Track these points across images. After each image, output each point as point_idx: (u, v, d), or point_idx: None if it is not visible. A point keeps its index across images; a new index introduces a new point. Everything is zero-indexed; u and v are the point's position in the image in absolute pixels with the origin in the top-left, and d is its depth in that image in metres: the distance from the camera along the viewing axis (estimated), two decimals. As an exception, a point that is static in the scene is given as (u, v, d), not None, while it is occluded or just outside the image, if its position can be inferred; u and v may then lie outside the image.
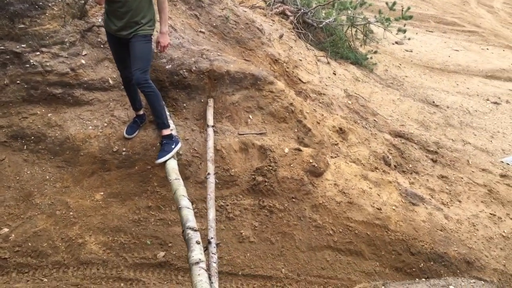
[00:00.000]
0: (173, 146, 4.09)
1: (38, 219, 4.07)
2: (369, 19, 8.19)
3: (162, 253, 4.05)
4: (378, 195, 4.69)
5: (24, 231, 4.00)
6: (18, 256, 3.91)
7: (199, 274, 2.41)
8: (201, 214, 4.17)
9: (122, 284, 3.82)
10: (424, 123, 6.66)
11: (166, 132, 4.11)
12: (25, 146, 4.36)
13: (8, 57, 4.43)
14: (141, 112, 4.44)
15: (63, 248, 3.98)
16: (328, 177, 4.64)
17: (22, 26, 4.44)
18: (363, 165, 5.12)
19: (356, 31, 8.42)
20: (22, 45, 4.45)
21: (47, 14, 4.51)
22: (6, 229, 4.00)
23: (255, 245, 4.23)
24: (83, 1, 4.64)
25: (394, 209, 4.62)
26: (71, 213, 4.13)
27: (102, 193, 4.25)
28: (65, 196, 4.20)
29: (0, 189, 4.18)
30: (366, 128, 5.67)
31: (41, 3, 4.49)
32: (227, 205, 4.32)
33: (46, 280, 3.79)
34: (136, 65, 3.80)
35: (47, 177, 4.28)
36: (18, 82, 4.44)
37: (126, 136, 4.37)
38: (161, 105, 4.05)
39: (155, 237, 4.12)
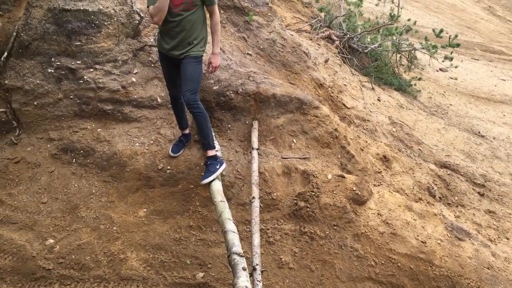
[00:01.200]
0: (217, 167, 4.10)
1: (83, 232, 4.15)
2: (414, 46, 8.09)
3: (201, 274, 4.04)
4: (423, 227, 4.55)
5: (68, 243, 4.09)
6: (62, 268, 3.98)
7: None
8: (241, 237, 4.13)
9: (161, 303, 3.83)
10: (470, 154, 6.46)
11: (211, 153, 4.14)
12: (74, 160, 4.48)
13: (63, 72, 4.60)
14: (187, 131, 4.49)
15: (105, 262, 4.03)
16: (371, 206, 4.54)
17: (79, 43, 4.61)
18: (407, 195, 5.00)
19: (400, 57, 8.32)
20: (77, 62, 4.62)
21: (102, 33, 4.66)
22: (51, 240, 4.10)
23: (294, 272, 4.16)
24: (137, 21, 4.78)
25: (439, 243, 4.47)
26: (114, 228, 4.19)
27: (145, 210, 4.30)
28: (109, 210, 4.27)
29: (48, 200, 4.30)
30: (410, 157, 5.55)
31: (97, 22, 4.65)
32: (268, 229, 4.29)
33: (87, 293, 3.84)
34: (186, 86, 3.86)
35: (93, 191, 4.37)
36: (71, 97, 4.59)
37: (172, 154, 4.42)
38: (208, 126, 4.09)
39: (195, 257, 4.12)
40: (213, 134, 4.48)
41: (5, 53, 4.59)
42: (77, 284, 3.92)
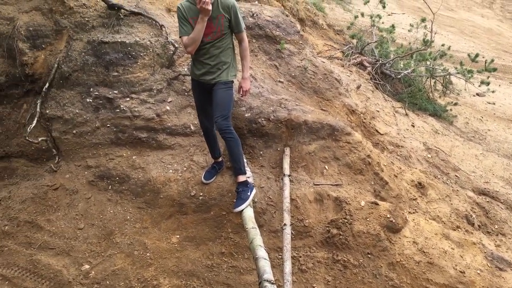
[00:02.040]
0: (249, 193, 4.11)
1: (117, 258, 4.21)
2: (449, 71, 7.98)
3: (233, 302, 4.01)
4: (461, 256, 4.38)
5: (103, 269, 4.15)
6: (96, 293, 4.04)
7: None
8: (273, 264, 4.09)
9: (192, 331, 3.81)
10: (510, 181, 6.23)
11: (242, 178, 4.15)
12: (110, 186, 4.60)
13: (101, 102, 4.77)
14: (220, 159, 4.54)
15: (138, 288, 4.07)
16: (406, 234, 4.42)
17: (116, 74, 4.80)
18: (444, 223, 4.85)
19: (435, 82, 8.21)
20: (115, 91, 4.79)
21: (138, 63, 4.83)
22: (87, 266, 4.17)
23: (327, 301, 4.08)
24: (171, 52, 4.94)
25: (478, 273, 4.29)
26: (148, 254, 4.23)
27: (178, 236, 4.34)
28: (143, 236, 4.34)
29: (84, 226, 4.40)
30: (447, 183, 5.40)
31: (134, 53, 4.83)
32: (300, 257, 4.23)
33: (120, 319, 3.87)
34: (218, 112, 3.93)
35: (128, 217, 4.45)
36: (108, 125, 4.75)
37: (204, 181, 4.47)
38: (239, 152, 4.12)
39: (227, 284, 4.10)
40: (245, 160, 4.51)
41: (47, 84, 4.81)
42: (110, 310, 3.96)
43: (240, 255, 4.26)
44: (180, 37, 3.85)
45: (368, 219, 4.39)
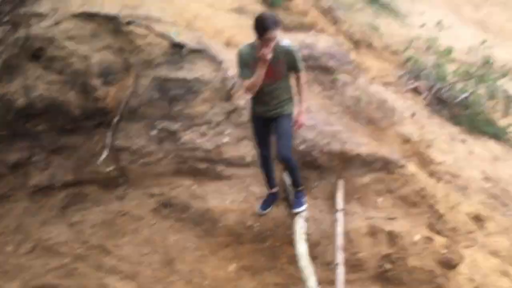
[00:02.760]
0: (304, 200, 4.45)
1: (178, 284, 4.48)
2: (510, 91, 7.73)
3: (286, 333, 4.15)
4: (521, 295, 4.30)
5: (164, 294, 4.44)
6: (161, 319, 4.32)
7: None
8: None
9: None
10: None
11: (301, 188, 4.46)
12: (172, 214, 4.89)
13: (164, 134, 5.10)
14: (275, 190, 4.72)
15: (200, 315, 4.31)
16: (462, 270, 4.39)
17: (179, 108, 5.12)
18: (503, 258, 4.75)
19: (496, 103, 7.96)
20: (177, 124, 5.10)
21: (199, 98, 5.13)
22: (151, 291, 4.47)
23: (381, 337, 4.13)
24: (230, 87, 5.19)
25: (540, 314, 4.19)
26: (206, 282, 4.47)
27: (235, 265, 4.55)
28: (202, 264, 4.58)
29: (149, 253, 4.72)
30: (507, 216, 5.27)
31: (195, 89, 5.14)
32: (354, 291, 4.31)
33: None
34: (284, 142, 4.12)
35: (188, 244, 4.71)
36: (171, 156, 5.06)
37: (260, 211, 4.66)
38: (299, 174, 4.42)
39: (281, 315, 4.26)
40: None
41: (117, 117, 5.22)
42: (173, 335, 4.22)
43: (294, 286, 4.40)
44: (239, 76, 4.06)
45: (422, 255, 4.40)
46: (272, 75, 3.95)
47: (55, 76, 5.50)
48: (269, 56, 3.67)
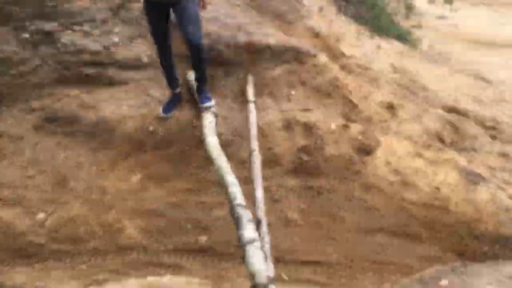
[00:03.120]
0: (210, 95, 4.15)
1: (74, 204, 3.90)
2: (412, -6, 7.70)
3: (204, 238, 3.80)
4: (435, 174, 4.28)
5: (60, 216, 3.84)
6: (55, 243, 3.74)
7: (253, 254, 2.12)
8: (244, 195, 3.88)
9: (163, 271, 3.59)
10: (478, 98, 6.15)
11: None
12: (59, 129, 4.19)
13: (39, 37, 4.27)
14: (178, 90, 4.18)
15: (101, 233, 3.79)
16: (379, 155, 4.27)
17: (53, 4, 4.27)
18: (416, 143, 4.71)
19: (398, 3, 7.94)
20: (53, 24, 4.28)
21: (77, -10, 4.31)
22: (42, 215, 3.85)
23: (302, 229, 3.92)
24: (113, -24, 4.42)
25: (453, 189, 4.21)
26: (107, 197, 3.93)
27: (139, 175, 4.04)
28: (101, 179, 4.01)
29: (34, 174, 4.03)
30: (416, 103, 5.24)
31: (70, -21, 4.30)
32: (271, 186, 4.02)
33: (84, 267, 3.61)
34: (194, 29, 3.63)
35: (82, 160, 4.09)
36: (50, 63, 4.27)
37: (162, 115, 4.12)
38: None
39: (195, 219, 3.87)
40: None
41: (-25, 20, 4.25)
42: (72, 258, 3.68)
43: (208, 190, 4.01)
44: None
45: (339, 143, 4.20)
46: None
47: None
48: None
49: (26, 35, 4.26)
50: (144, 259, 3.66)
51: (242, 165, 4.08)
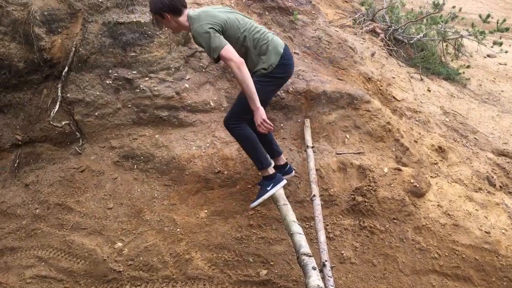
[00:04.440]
0: (268, 188, 3.85)
1: (148, 234, 4.32)
2: (461, 33, 7.89)
3: (264, 271, 4.12)
4: (485, 217, 4.45)
5: (136, 245, 4.27)
6: (131, 270, 4.16)
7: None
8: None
9: (228, 301, 3.93)
10: (528, 140, 6.24)
11: (264, 173, 3.93)
12: (136, 166, 4.67)
13: (120, 83, 4.79)
14: (282, 162, 4.25)
15: (172, 263, 4.18)
16: (430, 197, 4.49)
17: (133, 54, 4.80)
18: (466, 186, 4.90)
19: (447, 46, 8.14)
20: (133, 72, 4.80)
21: (155, 42, 4.83)
22: (120, 244, 4.29)
23: (356, 267, 4.18)
24: (187, 29, 4.92)
25: (503, 233, 4.36)
26: (178, 229, 4.33)
27: (206, 211, 4.43)
28: (172, 213, 4.43)
29: (114, 206, 4.50)
30: (466, 146, 5.43)
31: (150, 33, 4.82)
32: (327, 225, 4.32)
33: (157, 293, 4.00)
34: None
35: (156, 194, 4.53)
36: (129, 106, 4.78)
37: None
38: (250, 148, 3.90)
39: (257, 254, 4.21)
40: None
41: (66, 68, 4.83)
42: (146, 285, 4.09)
43: (268, 227, 4.35)
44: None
45: (392, 185, 4.45)
46: None
47: (-8, 28, 5.00)
48: None
49: (109, 81, 4.79)
50: (211, 289, 4.01)
51: (300, 204, 4.41)
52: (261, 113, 3.50)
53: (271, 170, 3.93)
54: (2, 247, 4.40)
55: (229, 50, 3.39)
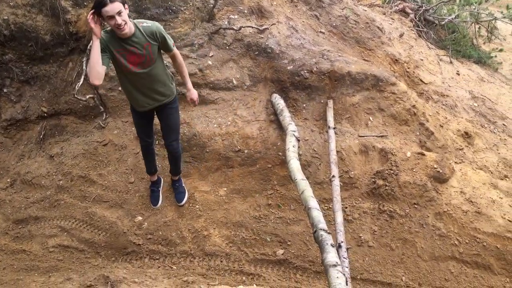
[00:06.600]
0: (184, 185, 4.45)
1: (168, 210, 4.37)
2: (495, 15, 7.61)
3: (281, 251, 4.13)
4: (510, 205, 4.34)
5: (155, 220, 4.32)
6: (150, 243, 4.23)
7: (337, 277, 2.40)
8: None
9: (244, 278, 3.97)
10: (560, 129, 6.03)
11: (176, 178, 4.43)
12: (157, 141, 4.70)
13: (144, 58, 4.78)
14: (156, 178, 4.45)
15: (190, 238, 4.23)
16: (453, 184, 4.40)
17: (157, 29, 4.77)
18: (492, 173, 4.78)
19: (479, 28, 7.86)
20: (157, 47, 4.78)
21: (179, 18, 4.81)
22: (140, 218, 4.35)
23: (374, 250, 4.15)
24: (211, 5, 4.87)
25: (528, 223, 4.26)
26: (197, 206, 4.37)
27: (225, 189, 4.45)
28: (192, 190, 4.46)
29: (135, 181, 4.56)
30: (494, 132, 5.28)
31: (174, 8, 4.79)
32: (346, 207, 4.29)
33: (175, 267, 4.06)
34: (173, 136, 4.02)
35: (176, 171, 4.56)
36: (152, 81, 4.78)
37: (154, 207, 4.40)
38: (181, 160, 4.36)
39: (274, 234, 4.21)
40: (288, 114, 4.48)
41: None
42: (165, 259, 4.15)
43: (287, 207, 4.35)
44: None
45: (414, 170, 4.38)
46: (141, 61, 3.42)
47: (20, -1, 5.04)
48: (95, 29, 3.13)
49: (133, 57, 4.80)
50: (228, 266, 4.05)
51: (320, 186, 4.38)
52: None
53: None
54: (26, 216, 4.53)
55: None
